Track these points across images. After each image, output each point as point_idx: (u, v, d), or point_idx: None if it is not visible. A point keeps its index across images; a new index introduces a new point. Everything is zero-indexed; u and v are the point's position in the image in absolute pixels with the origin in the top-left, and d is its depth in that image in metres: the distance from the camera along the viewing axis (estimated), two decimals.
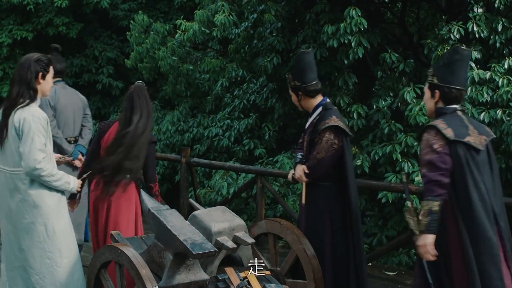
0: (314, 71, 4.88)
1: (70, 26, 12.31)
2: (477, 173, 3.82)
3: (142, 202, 4.42)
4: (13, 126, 4.04)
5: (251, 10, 8.84)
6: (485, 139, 3.93)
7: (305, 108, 4.84)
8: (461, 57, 4.00)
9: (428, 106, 4.10)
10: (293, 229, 4.50)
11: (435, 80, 3.99)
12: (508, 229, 3.86)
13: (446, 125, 3.83)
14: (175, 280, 3.97)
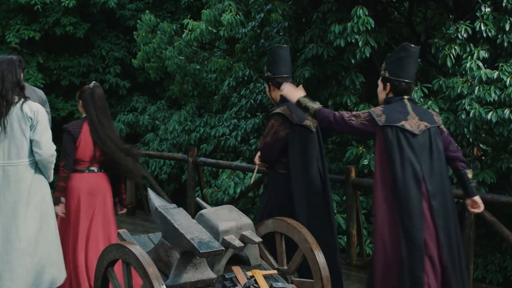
0: (287, 66, 5.14)
1: (77, 26, 12.34)
2: (411, 153, 4.29)
3: (149, 200, 4.42)
4: (24, 119, 4.34)
5: (258, 9, 8.84)
6: (426, 125, 4.36)
7: (274, 100, 5.08)
8: (409, 53, 4.45)
9: (380, 98, 4.54)
10: (300, 228, 4.49)
11: (387, 73, 4.44)
12: (446, 209, 4.31)
13: (382, 112, 4.33)
14: (182, 278, 3.97)
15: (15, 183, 4.37)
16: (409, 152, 4.31)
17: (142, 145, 11.50)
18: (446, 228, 4.32)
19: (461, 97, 7.10)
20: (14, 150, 4.34)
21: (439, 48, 7.51)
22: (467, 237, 5.84)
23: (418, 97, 7.36)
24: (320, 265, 4.31)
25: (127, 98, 13.03)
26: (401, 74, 4.43)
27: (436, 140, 4.43)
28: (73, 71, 12.74)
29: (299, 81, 7.88)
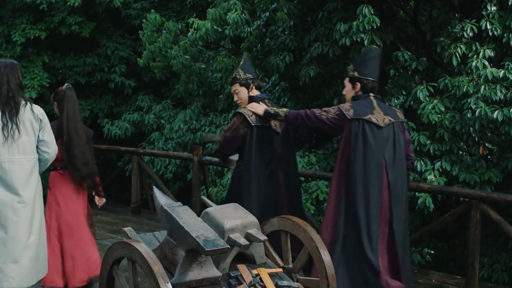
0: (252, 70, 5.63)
1: (82, 25, 12.33)
2: (375, 144, 4.77)
3: (155, 199, 4.42)
4: (35, 119, 4.75)
5: (264, 8, 8.84)
6: (390, 119, 4.88)
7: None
8: (375, 55, 5.05)
9: (348, 97, 5.03)
10: (306, 227, 4.48)
11: (356, 74, 4.97)
12: (402, 197, 4.85)
13: (350, 107, 4.85)
14: (188, 276, 3.98)
15: (30, 176, 4.73)
16: (374, 143, 4.77)
17: (148, 144, 11.52)
18: (400, 215, 4.84)
19: (466, 96, 7.09)
20: (28, 147, 4.71)
21: (444, 47, 7.50)
22: (472, 236, 5.83)
23: (423, 95, 7.35)
24: (326, 264, 4.31)
25: (133, 97, 13.02)
26: (369, 74, 4.97)
27: (399, 134, 4.93)
28: (78, 70, 12.74)
29: (305, 80, 7.88)
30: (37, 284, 5.10)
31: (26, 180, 4.71)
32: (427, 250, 7.72)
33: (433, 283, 6.28)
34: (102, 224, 8.78)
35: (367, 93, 4.97)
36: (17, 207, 4.64)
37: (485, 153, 7.31)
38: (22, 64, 12.22)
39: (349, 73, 5.05)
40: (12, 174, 4.63)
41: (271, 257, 4.67)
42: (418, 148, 7.32)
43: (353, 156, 4.80)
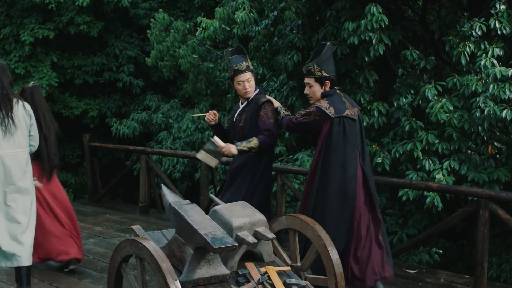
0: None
1: (91, 25, 12.37)
2: (351, 138, 5.10)
3: (163, 196, 4.43)
4: (28, 115, 5.31)
5: (272, 8, 8.84)
6: (357, 110, 5.26)
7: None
8: (331, 51, 5.45)
9: (317, 96, 5.25)
10: (314, 225, 4.48)
11: (324, 73, 5.21)
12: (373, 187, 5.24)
13: (329, 105, 5.09)
14: (196, 274, 3.98)
15: (25, 167, 5.32)
16: (351, 138, 5.10)
17: (156, 144, 11.53)
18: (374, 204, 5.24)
19: (475, 95, 7.07)
20: (22, 140, 5.26)
21: (453, 46, 7.48)
22: (481, 235, 5.81)
23: (432, 94, 7.33)
24: (334, 262, 4.30)
25: (141, 97, 13.05)
26: (333, 70, 5.31)
27: (362, 124, 5.31)
28: (87, 70, 12.78)
29: None
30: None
31: (23, 171, 5.28)
32: (435, 249, 7.70)
33: (442, 283, 6.26)
34: (110, 223, 8.81)
35: (333, 88, 5.29)
36: (16, 196, 5.24)
37: (494, 152, 7.29)
38: (30, 64, 12.29)
39: (315, 74, 5.22)
40: (11, 166, 5.18)
41: (279, 256, 4.67)
42: (427, 147, 7.31)
43: (334, 152, 5.10)
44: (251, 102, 5.57)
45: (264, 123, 5.48)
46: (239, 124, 5.60)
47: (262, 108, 5.50)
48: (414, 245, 7.10)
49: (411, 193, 7.19)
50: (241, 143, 5.43)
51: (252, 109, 5.53)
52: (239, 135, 5.60)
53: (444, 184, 6.74)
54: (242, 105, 5.66)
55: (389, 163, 7.54)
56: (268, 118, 5.50)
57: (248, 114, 5.54)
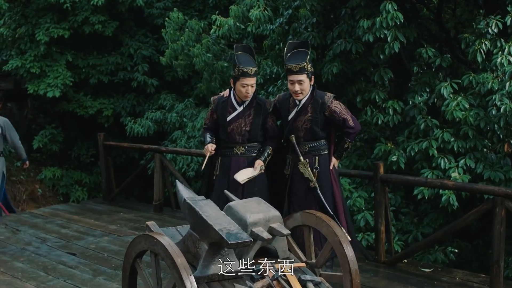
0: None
1: (106, 25, 12.40)
2: None
3: (178, 192, 4.43)
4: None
5: (286, 6, 8.82)
6: None
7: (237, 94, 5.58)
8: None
9: (306, 92, 5.44)
10: (329, 221, 4.47)
11: (312, 69, 5.52)
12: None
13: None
14: (210, 270, 3.98)
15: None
16: None
17: (170, 143, 11.53)
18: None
19: (491, 93, 7.02)
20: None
21: (469, 44, 7.43)
22: (497, 233, 5.76)
23: (447, 92, 7.29)
24: (349, 258, 4.29)
25: (155, 96, 13.05)
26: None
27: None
28: (101, 69, 12.80)
29: (327, 77, 7.85)
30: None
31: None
32: (450, 249, 7.64)
33: (457, 282, 6.21)
34: (125, 221, 8.83)
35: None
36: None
37: (510, 150, 7.22)
38: (46, 63, 12.35)
39: (309, 70, 5.41)
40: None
41: (293, 252, 4.65)
42: (442, 145, 7.27)
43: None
44: (252, 106, 5.56)
45: (274, 130, 5.64)
46: (243, 127, 5.56)
47: (269, 115, 5.61)
48: (429, 244, 7.04)
49: (426, 191, 7.15)
50: (264, 157, 5.56)
51: (260, 113, 5.54)
52: (242, 137, 5.59)
53: (460, 182, 6.70)
54: (240, 108, 5.56)
55: (404, 161, 7.50)
56: (276, 125, 5.70)
57: (256, 120, 5.54)
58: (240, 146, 5.60)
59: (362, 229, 7.60)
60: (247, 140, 5.58)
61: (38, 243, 7.58)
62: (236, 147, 5.60)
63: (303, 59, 5.36)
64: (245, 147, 5.60)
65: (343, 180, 7.86)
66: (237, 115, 5.56)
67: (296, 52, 5.47)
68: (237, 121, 5.55)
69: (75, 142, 13.61)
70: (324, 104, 5.45)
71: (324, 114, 5.46)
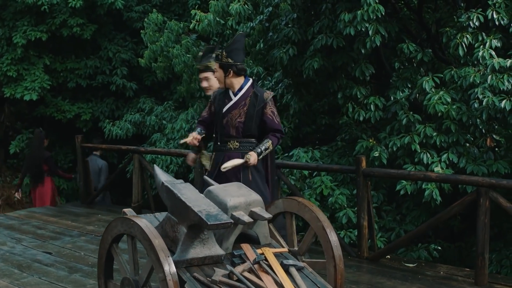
0: (244, 54, 5.75)
1: (84, 28, 12.24)
2: None
3: (155, 176, 4.31)
4: None
5: (266, 4, 8.75)
6: None
7: (229, 85, 5.43)
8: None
9: (215, 87, 5.74)
10: (311, 207, 4.35)
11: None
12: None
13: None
14: (189, 254, 3.85)
15: None
16: None
17: (149, 146, 11.37)
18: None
19: (473, 86, 6.96)
20: None
21: (450, 37, 7.38)
22: (482, 224, 5.68)
23: (429, 86, 7.23)
24: (333, 244, 4.18)
25: (134, 100, 12.89)
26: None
27: None
28: (80, 73, 12.62)
29: (308, 73, 7.75)
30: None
31: None
32: (434, 246, 7.56)
33: (442, 275, 6.12)
34: (102, 222, 8.65)
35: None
36: None
37: (493, 145, 7.18)
38: (23, 66, 12.16)
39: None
40: None
41: (275, 240, 4.53)
42: (424, 140, 7.20)
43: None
44: (248, 96, 5.39)
45: (273, 123, 5.40)
46: (237, 119, 5.38)
47: (268, 105, 5.40)
48: (413, 239, 6.96)
49: (409, 187, 7.07)
50: (261, 150, 5.33)
51: (255, 105, 5.36)
52: (237, 131, 5.39)
53: (443, 174, 6.62)
54: (236, 98, 5.42)
55: (386, 157, 7.42)
56: (275, 116, 5.44)
57: (251, 110, 5.35)
58: (235, 141, 5.41)
59: (344, 226, 7.49)
60: (241, 134, 5.39)
61: (13, 243, 7.40)
62: (230, 141, 5.42)
63: (208, 60, 5.77)
64: (239, 142, 5.40)
65: (325, 177, 7.77)
66: (232, 105, 5.40)
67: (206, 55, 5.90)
68: (232, 112, 5.39)
69: (53, 148, 13.37)
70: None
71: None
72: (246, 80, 5.45)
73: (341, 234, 7.25)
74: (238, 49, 5.41)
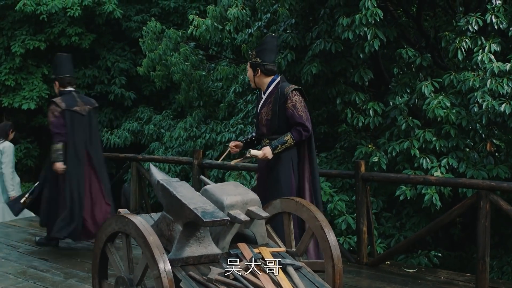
0: (275, 54, 5.74)
1: (82, 37, 12.26)
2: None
3: (151, 175, 4.24)
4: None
5: (265, 10, 8.73)
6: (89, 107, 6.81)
7: (258, 85, 5.47)
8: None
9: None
10: (309, 206, 4.29)
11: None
12: (101, 166, 6.89)
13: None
14: (185, 252, 3.77)
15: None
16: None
17: (147, 154, 11.32)
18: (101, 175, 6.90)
19: (472, 91, 6.94)
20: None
21: (449, 41, 7.35)
22: (482, 227, 5.60)
23: (428, 91, 7.19)
24: (331, 243, 4.10)
25: (132, 110, 12.87)
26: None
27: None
28: (78, 83, 12.61)
29: (307, 78, 7.72)
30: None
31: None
32: (434, 253, 7.48)
33: (442, 280, 6.03)
34: None
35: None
36: None
37: (493, 149, 7.13)
38: (21, 76, 12.14)
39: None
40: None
41: (273, 241, 4.45)
42: (424, 145, 7.15)
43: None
44: (273, 93, 5.36)
45: (293, 117, 5.26)
46: (265, 117, 5.37)
47: (289, 99, 5.28)
48: (413, 244, 6.89)
49: (409, 192, 7.02)
50: (276, 145, 5.23)
51: (277, 100, 5.31)
52: (266, 128, 5.39)
53: (443, 177, 6.56)
54: (264, 96, 5.44)
55: (385, 162, 7.36)
56: (297, 110, 5.25)
57: (274, 107, 5.30)
58: (266, 138, 5.41)
59: (344, 232, 7.42)
60: (270, 131, 5.37)
61: (9, 250, 7.29)
62: (263, 139, 5.46)
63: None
64: (269, 139, 5.36)
65: (324, 184, 7.71)
66: (262, 104, 5.44)
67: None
68: (262, 110, 5.42)
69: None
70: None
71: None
72: (274, 78, 5.44)
73: (340, 240, 7.19)
74: (267, 50, 5.42)
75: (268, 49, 5.43)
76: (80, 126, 6.71)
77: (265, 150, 5.25)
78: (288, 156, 5.33)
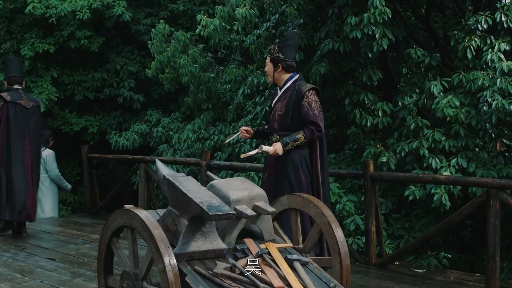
0: (296, 51, 5.76)
1: (92, 40, 12.22)
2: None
3: (157, 170, 4.22)
4: None
5: (273, 11, 8.70)
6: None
7: (276, 80, 5.52)
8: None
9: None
10: (316, 202, 4.25)
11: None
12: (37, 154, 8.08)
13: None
14: (191, 247, 3.75)
15: None
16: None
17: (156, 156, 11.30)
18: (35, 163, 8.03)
19: (482, 90, 6.87)
20: None
21: (458, 40, 7.29)
22: (492, 226, 5.56)
23: (437, 90, 7.14)
24: (338, 239, 4.07)
25: (141, 113, 12.84)
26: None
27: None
28: (87, 86, 12.59)
29: (315, 78, 7.68)
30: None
31: None
32: (443, 254, 7.40)
33: (452, 280, 5.99)
34: None
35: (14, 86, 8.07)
36: None
37: (503, 149, 7.06)
38: (30, 79, 12.13)
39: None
40: None
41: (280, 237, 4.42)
42: (433, 145, 7.09)
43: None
44: (290, 90, 5.39)
45: (307, 115, 5.28)
46: (278, 112, 5.40)
47: (305, 97, 5.30)
48: (423, 243, 6.84)
49: (418, 192, 6.96)
50: (288, 142, 5.23)
51: (292, 97, 5.33)
52: (278, 124, 5.40)
53: (452, 176, 6.49)
54: (280, 92, 5.48)
55: (394, 162, 7.30)
56: (312, 109, 5.29)
57: (289, 103, 5.33)
58: (276, 134, 5.43)
59: (352, 233, 7.36)
60: (281, 127, 5.38)
61: (17, 250, 7.31)
62: (274, 135, 5.47)
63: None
64: (280, 135, 5.38)
65: (332, 185, 7.66)
66: (277, 99, 5.48)
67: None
68: (276, 105, 5.46)
69: (60, 161, 13.31)
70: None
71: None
72: (293, 75, 5.48)
73: (349, 241, 7.12)
74: (290, 46, 5.46)
75: (290, 45, 5.48)
76: (23, 117, 7.81)
77: (276, 146, 5.25)
78: (298, 154, 5.32)
